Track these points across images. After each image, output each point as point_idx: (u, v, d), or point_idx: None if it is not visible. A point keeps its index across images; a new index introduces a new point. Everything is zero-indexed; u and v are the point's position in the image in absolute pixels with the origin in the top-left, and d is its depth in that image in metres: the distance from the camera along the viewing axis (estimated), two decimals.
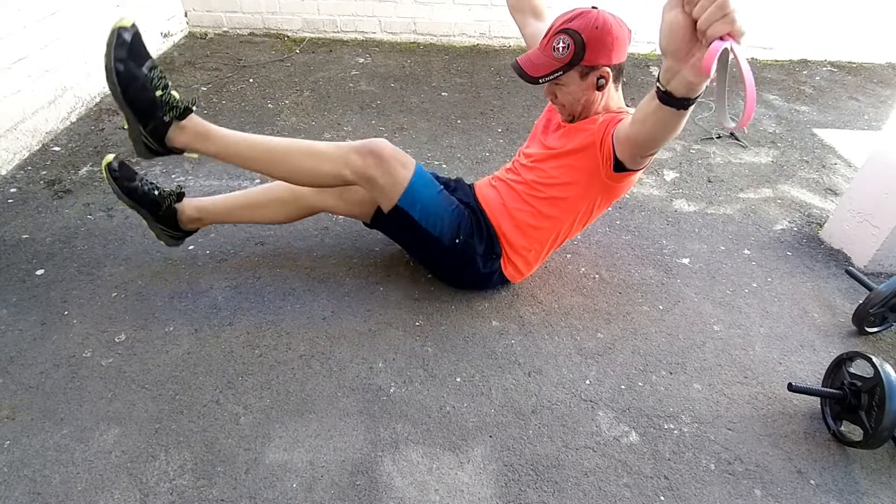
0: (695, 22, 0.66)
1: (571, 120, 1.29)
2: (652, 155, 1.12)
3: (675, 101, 0.80)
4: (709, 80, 0.71)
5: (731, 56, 0.63)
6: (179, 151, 1.23)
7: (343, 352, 1.31)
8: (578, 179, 1.26)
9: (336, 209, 1.42)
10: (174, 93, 1.18)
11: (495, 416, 1.19)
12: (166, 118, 1.17)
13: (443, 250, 1.35)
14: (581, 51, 1.13)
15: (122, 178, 1.32)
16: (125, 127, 1.19)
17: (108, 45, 1.08)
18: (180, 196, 1.41)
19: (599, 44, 1.13)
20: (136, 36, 1.12)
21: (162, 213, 1.37)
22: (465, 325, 1.40)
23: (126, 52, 1.10)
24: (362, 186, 1.28)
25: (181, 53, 2.89)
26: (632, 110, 1.23)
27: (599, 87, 1.20)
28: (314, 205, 1.42)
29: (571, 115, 1.28)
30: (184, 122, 1.19)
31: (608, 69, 1.17)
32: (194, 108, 1.22)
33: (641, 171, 1.23)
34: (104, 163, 1.31)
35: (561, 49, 1.14)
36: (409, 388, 1.24)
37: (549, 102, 1.37)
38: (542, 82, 1.19)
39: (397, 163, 1.25)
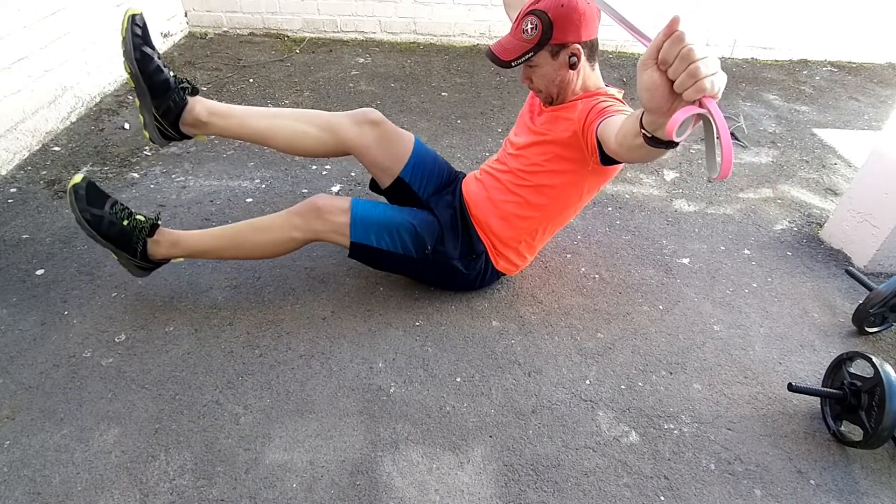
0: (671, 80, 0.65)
1: (551, 102, 1.28)
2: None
3: (663, 143, 0.79)
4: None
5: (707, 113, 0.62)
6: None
7: (343, 352, 1.31)
8: (566, 168, 1.26)
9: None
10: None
11: (495, 416, 1.19)
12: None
13: (418, 263, 1.36)
14: (549, 29, 1.14)
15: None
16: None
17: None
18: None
19: (567, 21, 1.13)
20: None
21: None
22: (465, 325, 1.40)
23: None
24: (319, 240, 1.33)
25: (181, 53, 2.89)
26: (613, 90, 1.23)
27: (572, 66, 1.19)
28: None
29: (549, 98, 1.27)
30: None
31: (578, 46, 1.17)
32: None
33: None
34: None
35: (529, 30, 1.15)
36: (409, 388, 1.24)
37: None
38: (515, 65, 1.19)
39: (335, 209, 1.30)
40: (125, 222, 1.25)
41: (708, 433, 1.18)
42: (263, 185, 1.88)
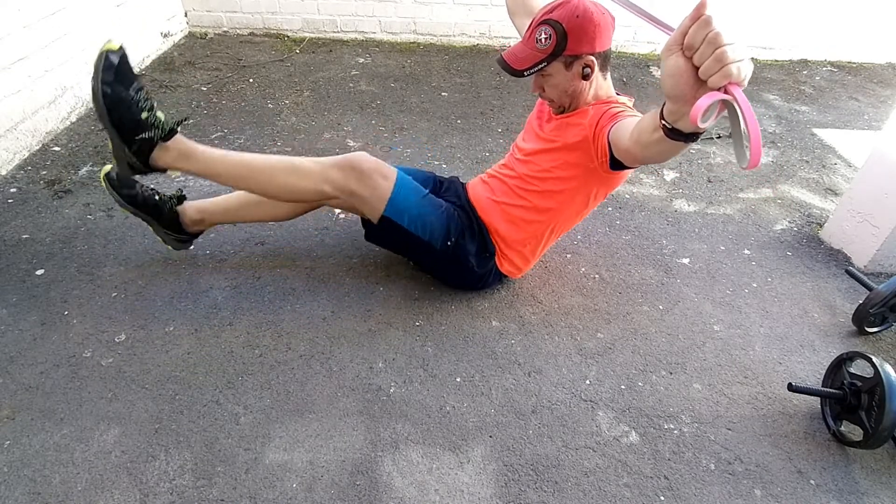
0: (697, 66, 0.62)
1: (562, 111, 1.28)
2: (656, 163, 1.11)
3: (683, 136, 0.76)
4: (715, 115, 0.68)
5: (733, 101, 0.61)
6: (163, 171, 1.24)
7: (343, 352, 1.31)
8: (575, 174, 1.26)
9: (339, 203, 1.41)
10: (160, 114, 1.19)
11: (495, 416, 1.19)
12: (152, 140, 1.18)
13: (436, 254, 1.36)
14: (563, 40, 1.13)
15: (121, 187, 1.34)
16: (110, 148, 1.20)
17: (96, 67, 1.09)
18: (181, 199, 1.42)
19: (581, 32, 1.12)
20: (123, 58, 1.13)
21: (164, 217, 1.39)
22: (465, 325, 1.40)
23: (113, 74, 1.11)
24: (346, 200, 1.29)
25: (181, 53, 2.89)
26: (623, 99, 1.23)
27: (585, 77, 1.18)
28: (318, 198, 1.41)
29: (561, 107, 1.27)
30: (168, 142, 1.20)
31: (592, 58, 1.16)
32: (179, 128, 1.23)
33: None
34: (102, 173, 1.33)
35: (543, 40, 1.14)
36: (409, 388, 1.24)
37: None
38: (527, 74, 1.19)
39: (378, 175, 1.27)
40: (144, 114, 1.16)
41: (708, 433, 1.18)
42: None
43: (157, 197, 1.39)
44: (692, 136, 0.76)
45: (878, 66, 3.31)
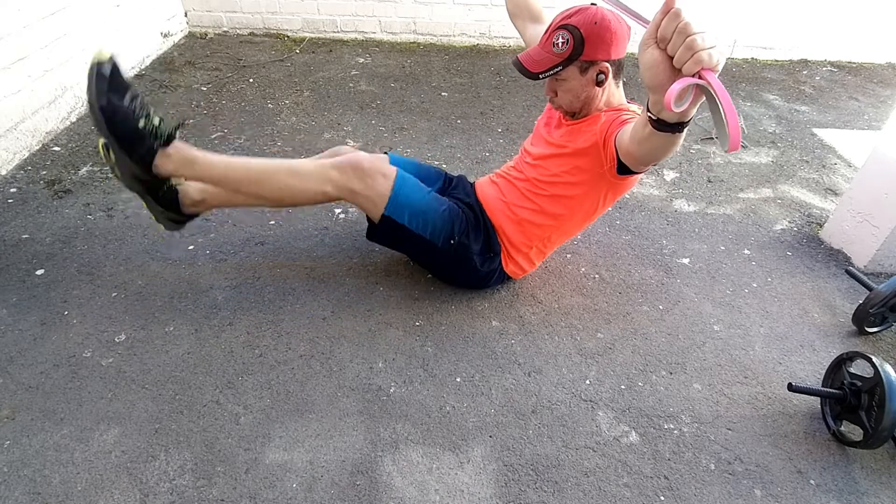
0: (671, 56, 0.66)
1: (573, 116, 1.29)
2: (656, 162, 1.12)
3: (668, 127, 0.79)
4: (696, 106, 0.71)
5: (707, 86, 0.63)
6: (167, 179, 1.24)
7: (343, 352, 1.31)
8: (584, 179, 1.26)
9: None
10: (156, 120, 1.18)
11: (495, 416, 1.19)
12: (152, 147, 1.17)
13: (439, 252, 1.36)
14: (580, 45, 1.14)
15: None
16: (112, 158, 1.18)
17: (89, 79, 1.08)
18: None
19: (598, 39, 1.14)
20: (115, 68, 1.12)
21: (162, 194, 1.30)
22: (465, 325, 1.40)
23: (106, 85, 1.10)
24: (347, 199, 1.29)
25: (181, 53, 2.89)
26: (633, 107, 1.24)
27: (599, 83, 1.20)
28: None
29: (572, 113, 1.28)
30: (168, 149, 1.19)
31: (607, 64, 1.18)
32: (177, 134, 1.22)
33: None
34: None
35: (560, 44, 1.15)
36: (409, 388, 1.24)
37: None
38: (543, 77, 1.20)
39: (377, 173, 1.27)
40: (141, 122, 1.14)
41: (708, 433, 1.18)
42: None
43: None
44: (678, 126, 0.79)
45: (878, 66, 3.31)
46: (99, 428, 1.11)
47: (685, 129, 0.83)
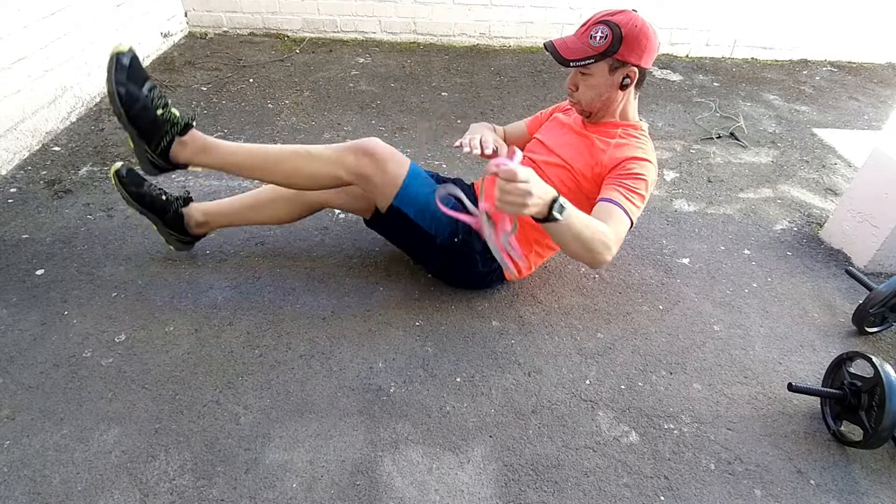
0: None
1: (588, 116, 1.31)
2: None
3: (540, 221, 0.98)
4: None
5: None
6: (184, 166, 1.27)
7: (343, 352, 1.31)
8: (590, 196, 1.29)
9: (339, 204, 1.43)
10: (174, 110, 1.23)
11: (495, 416, 1.19)
12: (168, 136, 1.21)
13: (441, 249, 1.35)
14: (617, 43, 1.16)
15: (130, 185, 1.38)
16: (131, 146, 1.24)
17: (109, 70, 1.15)
18: (187, 201, 1.46)
19: (635, 42, 1.16)
20: (134, 59, 1.18)
21: (169, 217, 1.42)
22: (465, 325, 1.40)
23: (126, 75, 1.15)
24: (358, 185, 1.29)
25: (181, 53, 2.89)
26: (643, 124, 1.31)
27: (623, 87, 1.22)
28: (317, 200, 1.44)
29: (588, 112, 1.29)
30: (185, 137, 1.23)
31: (636, 69, 1.20)
32: (194, 123, 1.27)
33: None
34: (113, 170, 1.37)
35: (598, 38, 1.17)
36: (409, 388, 1.24)
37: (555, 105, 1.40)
38: (573, 66, 1.20)
39: (391, 161, 1.26)
40: (160, 111, 1.20)
41: (708, 433, 1.18)
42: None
43: (164, 197, 1.42)
44: (545, 219, 1.01)
45: (878, 66, 3.31)
46: (99, 428, 1.11)
47: (559, 218, 1.00)
